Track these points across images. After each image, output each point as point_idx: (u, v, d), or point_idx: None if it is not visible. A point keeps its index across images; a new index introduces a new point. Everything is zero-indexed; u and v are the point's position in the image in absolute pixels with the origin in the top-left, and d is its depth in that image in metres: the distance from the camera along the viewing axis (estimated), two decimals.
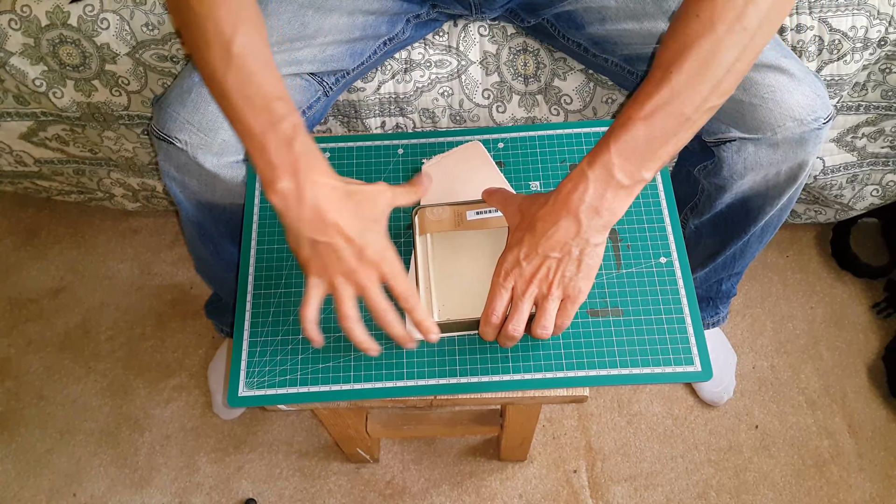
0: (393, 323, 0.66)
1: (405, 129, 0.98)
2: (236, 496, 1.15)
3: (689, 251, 0.78)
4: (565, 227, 0.63)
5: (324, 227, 0.63)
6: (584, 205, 0.62)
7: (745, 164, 0.79)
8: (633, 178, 0.62)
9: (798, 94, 0.75)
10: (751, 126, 0.76)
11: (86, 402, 1.23)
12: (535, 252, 0.65)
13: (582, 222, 0.63)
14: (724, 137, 0.78)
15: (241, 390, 0.69)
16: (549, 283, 0.65)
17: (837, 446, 1.15)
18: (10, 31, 0.91)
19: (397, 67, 0.93)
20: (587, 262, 0.64)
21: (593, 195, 0.62)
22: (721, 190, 0.84)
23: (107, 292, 1.34)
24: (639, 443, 1.17)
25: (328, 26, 0.81)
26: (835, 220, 1.23)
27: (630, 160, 0.61)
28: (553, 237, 0.64)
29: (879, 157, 1.07)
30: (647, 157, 0.61)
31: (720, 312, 1.14)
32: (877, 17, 0.88)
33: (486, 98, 0.96)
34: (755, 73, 0.75)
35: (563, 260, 0.64)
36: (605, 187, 0.62)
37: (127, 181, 1.19)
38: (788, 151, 0.77)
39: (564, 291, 0.65)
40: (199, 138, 0.76)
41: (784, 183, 0.82)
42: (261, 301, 0.74)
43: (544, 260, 0.65)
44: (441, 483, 1.14)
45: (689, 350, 0.69)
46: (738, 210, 0.87)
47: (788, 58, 0.77)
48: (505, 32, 0.93)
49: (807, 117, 0.75)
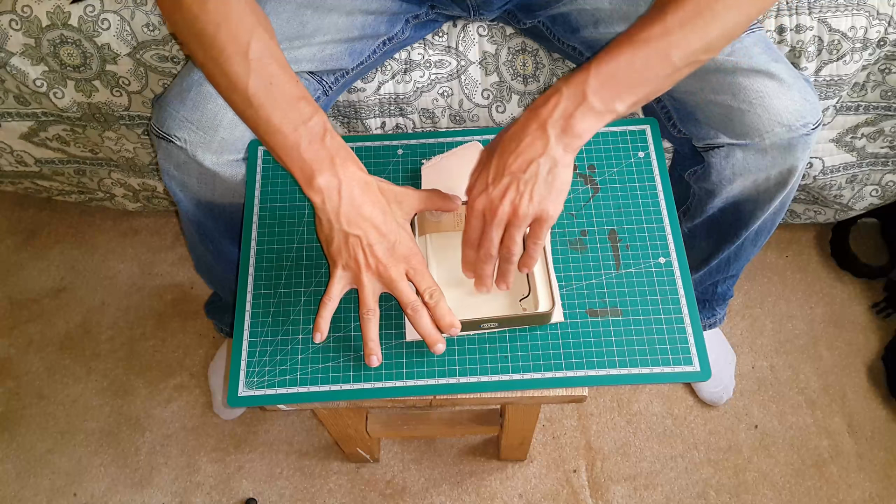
0: (425, 318, 0.67)
1: (405, 129, 0.98)
2: (237, 496, 1.15)
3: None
4: (531, 142, 0.63)
5: (359, 220, 0.65)
6: (552, 119, 0.62)
7: (734, 170, 0.79)
8: (606, 105, 0.62)
9: (786, 99, 0.75)
10: (739, 131, 0.76)
11: (86, 401, 1.23)
12: (502, 173, 0.64)
13: (549, 137, 0.62)
14: (713, 143, 0.79)
15: (241, 390, 0.69)
16: (516, 207, 0.64)
17: (837, 446, 1.15)
18: (10, 32, 0.91)
19: (397, 68, 0.94)
20: (556, 183, 0.64)
21: (563, 111, 0.62)
22: (711, 195, 0.84)
23: (107, 292, 1.34)
24: (638, 442, 1.17)
25: (327, 25, 0.82)
26: (834, 219, 1.23)
27: (606, 86, 0.61)
28: (521, 155, 0.63)
29: (879, 157, 1.07)
30: (623, 88, 0.61)
31: (717, 314, 1.14)
32: (876, 17, 0.88)
33: (486, 98, 0.96)
34: (744, 77, 0.75)
35: (530, 181, 0.64)
36: (576, 106, 0.62)
37: (127, 181, 1.19)
38: (777, 157, 0.77)
39: (535, 213, 0.65)
40: (199, 136, 0.76)
41: (774, 188, 0.82)
42: (261, 301, 0.74)
43: (512, 181, 0.64)
44: (441, 483, 1.14)
45: (687, 350, 0.69)
46: (729, 214, 0.88)
47: (779, 62, 0.77)
48: (504, 33, 0.93)
49: (795, 122, 0.75)
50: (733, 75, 0.75)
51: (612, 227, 0.76)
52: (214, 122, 0.76)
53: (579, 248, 0.75)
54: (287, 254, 0.76)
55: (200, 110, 0.76)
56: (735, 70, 0.75)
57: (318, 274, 0.75)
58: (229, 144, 0.78)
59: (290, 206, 0.79)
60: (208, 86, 0.76)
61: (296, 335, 0.72)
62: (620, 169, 0.80)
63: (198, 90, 0.76)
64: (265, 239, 0.77)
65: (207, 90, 0.76)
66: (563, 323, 0.71)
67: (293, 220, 0.78)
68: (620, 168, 0.80)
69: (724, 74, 0.76)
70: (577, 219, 0.77)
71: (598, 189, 0.79)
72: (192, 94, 0.76)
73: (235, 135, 0.78)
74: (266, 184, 0.80)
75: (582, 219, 0.77)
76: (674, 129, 0.84)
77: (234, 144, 0.78)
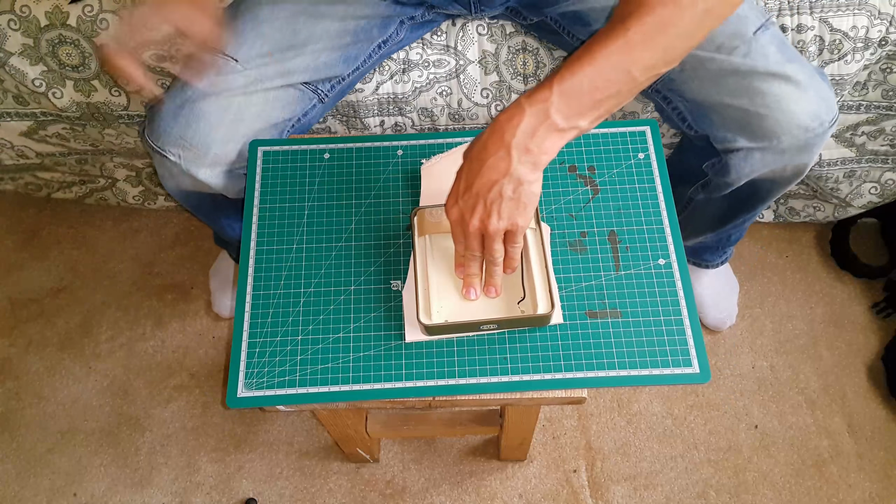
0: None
1: (404, 127, 0.98)
2: (237, 496, 1.15)
3: (697, 215, 0.78)
4: (494, 163, 0.62)
5: None
6: (515, 138, 0.61)
7: (752, 169, 0.81)
8: (569, 122, 0.61)
9: (804, 102, 0.76)
10: (757, 135, 0.77)
11: (86, 401, 1.23)
12: (469, 190, 0.64)
13: (512, 158, 0.61)
14: (732, 147, 0.79)
15: (240, 391, 0.69)
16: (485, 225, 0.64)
17: (837, 446, 1.15)
18: (9, 32, 0.91)
19: (395, 68, 0.93)
20: (523, 199, 0.63)
21: (526, 129, 0.61)
22: (728, 186, 0.86)
23: (107, 292, 1.34)
24: (638, 442, 1.17)
25: (319, 32, 0.82)
26: (833, 217, 1.23)
27: (570, 104, 0.60)
28: (484, 175, 0.63)
29: (879, 154, 1.07)
30: (586, 105, 0.60)
31: (727, 253, 1.17)
32: (877, 16, 0.88)
33: (485, 97, 0.96)
34: (761, 81, 0.75)
35: (496, 201, 0.63)
36: (539, 124, 0.60)
37: (131, 162, 1.19)
38: (794, 155, 0.79)
39: (505, 228, 0.65)
40: (192, 153, 0.78)
41: (791, 176, 0.84)
42: (260, 301, 0.74)
43: (478, 200, 0.64)
44: (441, 483, 1.14)
45: (687, 352, 0.69)
46: (746, 191, 0.89)
47: (793, 62, 0.77)
48: (504, 31, 0.93)
49: (812, 124, 0.76)
50: (749, 79, 0.76)
51: (612, 228, 0.76)
52: (207, 140, 0.77)
53: (579, 249, 0.75)
54: (287, 254, 0.76)
55: (193, 128, 0.77)
56: (752, 73, 0.76)
57: (317, 275, 0.75)
58: (222, 158, 0.79)
59: (290, 206, 0.79)
60: (202, 103, 0.77)
61: (295, 336, 0.72)
62: (620, 170, 0.80)
63: (191, 108, 0.77)
64: (265, 239, 0.77)
65: (201, 108, 0.77)
66: (562, 324, 0.71)
67: (293, 221, 0.78)
68: (620, 169, 0.80)
69: (740, 77, 0.76)
70: (577, 220, 0.77)
71: (597, 190, 0.78)
72: (185, 111, 0.77)
73: (228, 149, 0.79)
74: (266, 184, 0.80)
75: (581, 220, 0.77)
76: (689, 129, 0.84)
77: (226, 157, 0.79)
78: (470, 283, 0.71)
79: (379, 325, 0.72)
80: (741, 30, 0.77)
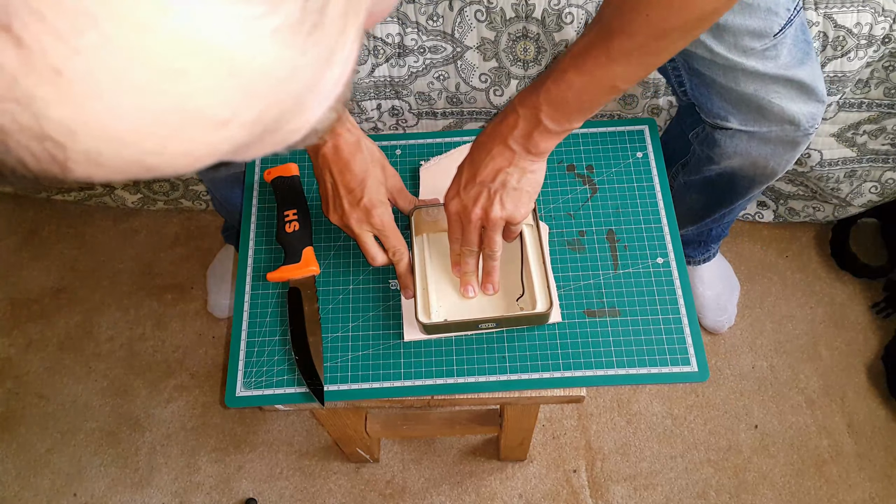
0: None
1: (401, 111, 0.97)
2: (236, 496, 1.15)
3: (676, 205, 0.78)
4: (499, 155, 0.66)
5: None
6: (513, 137, 0.65)
7: (736, 150, 0.82)
8: (560, 125, 0.63)
9: (804, 104, 0.77)
10: (749, 120, 0.78)
11: (86, 401, 1.24)
12: (472, 181, 0.67)
13: (514, 150, 0.65)
14: (722, 125, 0.80)
15: (239, 390, 0.69)
16: (487, 212, 0.66)
17: (837, 446, 1.15)
18: None
19: (390, 52, 0.92)
20: (527, 189, 0.66)
21: (522, 131, 0.64)
22: (710, 160, 0.87)
23: (107, 292, 1.34)
24: (638, 442, 1.17)
25: None
26: (833, 217, 1.23)
27: (558, 111, 0.63)
28: (489, 165, 0.66)
29: (879, 153, 1.07)
30: (574, 112, 0.63)
31: (710, 250, 1.18)
32: (882, 13, 0.88)
33: (484, 82, 0.95)
34: (768, 81, 0.76)
35: (499, 190, 0.66)
36: (533, 127, 0.64)
37: None
38: (778, 148, 0.80)
39: (506, 218, 0.67)
40: None
41: (771, 174, 0.85)
42: (258, 301, 0.74)
43: (482, 188, 0.66)
44: (441, 483, 1.14)
45: (685, 350, 0.69)
46: (725, 181, 0.90)
47: (804, 63, 0.76)
48: (504, 17, 0.91)
49: (805, 123, 0.78)
50: (758, 78, 0.76)
51: (611, 227, 0.76)
52: None
53: (577, 248, 0.75)
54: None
55: None
56: (762, 75, 0.75)
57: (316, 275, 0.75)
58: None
59: None
60: None
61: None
62: (619, 169, 0.80)
63: None
64: (264, 239, 0.77)
65: None
66: (560, 323, 0.71)
67: None
68: (619, 168, 0.80)
69: (749, 74, 0.75)
70: (576, 219, 0.77)
71: (596, 189, 0.78)
72: None
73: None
74: (265, 184, 0.80)
75: (580, 219, 0.77)
76: (684, 94, 0.84)
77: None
78: (467, 280, 0.71)
79: (378, 324, 0.72)
80: (765, 28, 0.73)
